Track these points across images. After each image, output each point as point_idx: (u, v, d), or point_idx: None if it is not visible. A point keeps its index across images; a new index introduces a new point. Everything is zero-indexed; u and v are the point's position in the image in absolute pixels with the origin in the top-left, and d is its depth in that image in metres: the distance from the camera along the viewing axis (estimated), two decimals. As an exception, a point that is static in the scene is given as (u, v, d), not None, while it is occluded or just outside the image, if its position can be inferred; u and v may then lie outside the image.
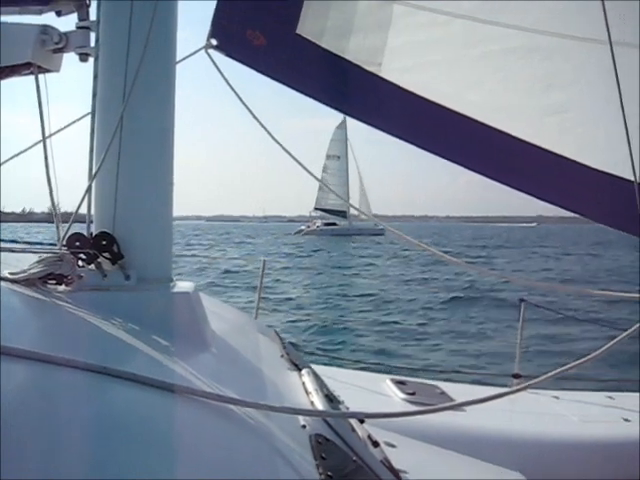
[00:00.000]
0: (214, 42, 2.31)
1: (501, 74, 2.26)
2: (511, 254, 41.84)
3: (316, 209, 79.96)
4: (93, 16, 1.55)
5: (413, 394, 3.28)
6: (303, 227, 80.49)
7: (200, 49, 2.26)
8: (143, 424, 0.87)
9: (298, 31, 2.36)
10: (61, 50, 1.57)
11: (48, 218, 1.57)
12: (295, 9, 2.35)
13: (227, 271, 21.79)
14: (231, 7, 2.37)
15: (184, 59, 2.02)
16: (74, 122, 1.87)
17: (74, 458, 0.71)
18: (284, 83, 2.40)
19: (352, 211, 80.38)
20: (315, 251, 42.02)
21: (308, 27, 2.35)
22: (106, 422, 0.81)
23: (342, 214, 77.72)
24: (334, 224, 77.34)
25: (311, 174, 2.39)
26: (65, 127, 1.83)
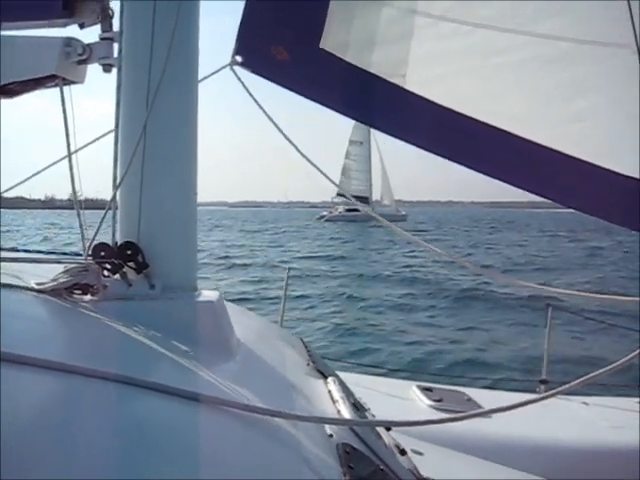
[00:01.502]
0: (239, 59, 2.32)
1: (525, 82, 2.24)
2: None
3: (338, 195, 79.95)
4: (116, 27, 1.56)
5: (440, 401, 3.25)
6: (325, 213, 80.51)
7: (225, 66, 2.27)
8: (169, 434, 0.87)
9: (322, 45, 2.35)
10: (85, 61, 1.59)
11: (70, 205, 1.59)
12: (318, 24, 2.35)
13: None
14: (255, 23, 2.38)
15: (208, 77, 2.05)
16: (98, 139, 1.89)
17: (100, 469, 0.71)
18: (309, 97, 2.40)
19: (374, 197, 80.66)
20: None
21: (331, 41, 2.35)
22: (132, 432, 0.81)
23: (364, 200, 77.57)
24: (356, 210, 77.27)
25: (322, 173, 2.37)
26: (89, 144, 1.85)
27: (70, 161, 1.58)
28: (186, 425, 0.93)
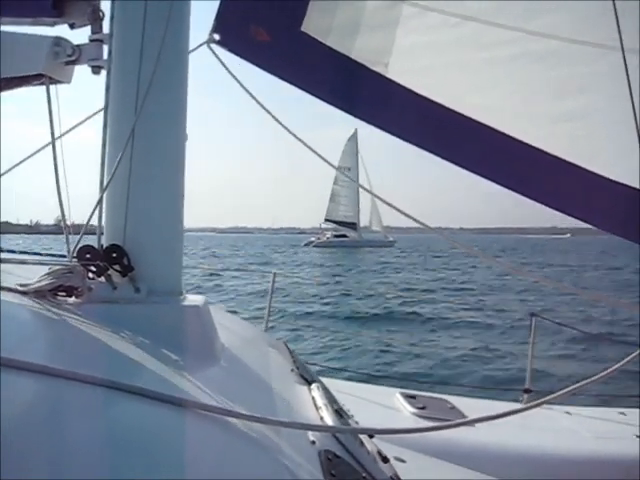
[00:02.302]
0: (216, 37, 2.28)
1: (511, 79, 2.24)
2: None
3: (327, 220, 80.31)
4: (106, 29, 1.56)
5: (423, 408, 3.26)
6: (313, 238, 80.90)
7: (202, 44, 2.22)
8: (152, 439, 0.86)
9: (303, 28, 2.33)
10: (73, 62, 1.58)
11: (55, 230, 1.58)
12: (301, 6, 2.33)
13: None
14: (236, 2, 2.35)
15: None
16: (84, 121, 1.87)
17: (82, 473, 0.71)
18: (287, 80, 2.36)
19: (362, 223, 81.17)
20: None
21: (314, 25, 2.33)
22: (115, 437, 0.80)
23: (352, 226, 78.10)
24: (344, 236, 77.64)
25: (337, 169, 2.36)
26: (74, 127, 1.83)
27: (55, 157, 1.57)
28: (168, 430, 0.92)
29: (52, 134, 1.60)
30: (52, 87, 1.61)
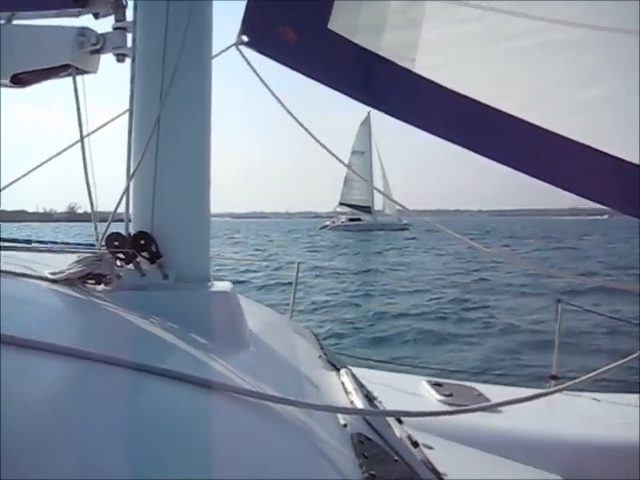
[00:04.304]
0: (245, 39, 2.29)
1: (537, 68, 2.22)
2: None
3: (341, 204, 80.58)
4: (130, 17, 1.56)
5: (450, 396, 3.25)
6: (328, 222, 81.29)
7: (231, 46, 2.23)
8: (183, 420, 0.87)
9: (330, 26, 2.32)
10: (98, 51, 1.59)
11: (68, 218, 1.58)
12: (327, 4, 2.33)
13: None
14: (262, 3, 2.35)
15: (215, 56, 2.01)
16: (111, 120, 1.88)
17: (114, 455, 0.71)
18: (316, 79, 2.37)
19: (376, 207, 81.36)
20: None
21: (340, 23, 2.32)
22: (147, 419, 0.81)
23: (366, 209, 78.11)
24: (359, 219, 77.78)
25: (348, 167, 2.38)
26: (102, 126, 1.84)
27: (83, 147, 1.58)
28: (200, 412, 0.93)
29: (80, 126, 1.61)
30: (79, 78, 1.62)
